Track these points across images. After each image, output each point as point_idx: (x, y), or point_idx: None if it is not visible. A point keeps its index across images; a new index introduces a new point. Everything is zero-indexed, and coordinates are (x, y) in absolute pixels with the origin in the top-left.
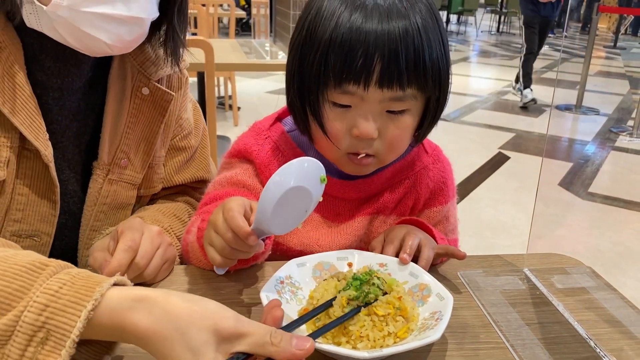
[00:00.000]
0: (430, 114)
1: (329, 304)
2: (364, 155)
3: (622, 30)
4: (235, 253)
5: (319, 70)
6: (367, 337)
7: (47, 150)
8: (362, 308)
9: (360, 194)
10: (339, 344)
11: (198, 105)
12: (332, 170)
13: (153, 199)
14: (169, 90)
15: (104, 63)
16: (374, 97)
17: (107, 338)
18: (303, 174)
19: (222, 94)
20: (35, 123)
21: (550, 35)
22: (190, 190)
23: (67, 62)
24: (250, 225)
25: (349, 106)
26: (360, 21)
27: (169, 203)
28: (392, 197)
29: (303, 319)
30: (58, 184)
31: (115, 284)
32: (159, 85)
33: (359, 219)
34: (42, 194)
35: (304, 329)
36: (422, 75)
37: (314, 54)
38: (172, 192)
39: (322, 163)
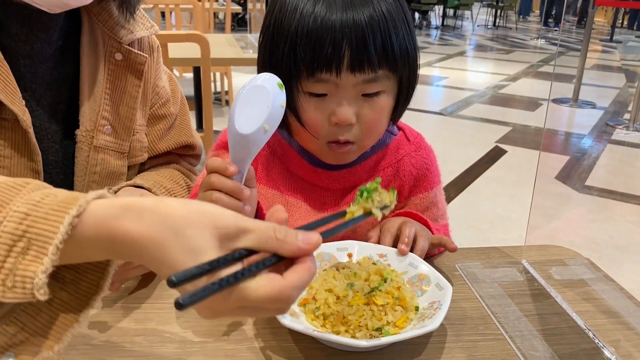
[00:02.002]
0: (403, 94)
1: (342, 214)
2: (343, 142)
3: (618, 24)
4: (229, 201)
5: (289, 62)
6: (365, 326)
7: (25, 115)
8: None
9: (344, 184)
10: (337, 333)
11: (173, 76)
12: (316, 161)
13: (142, 170)
14: (141, 53)
15: (73, 31)
16: (348, 82)
17: (95, 255)
18: (261, 79)
19: (219, 89)
20: (9, 87)
21: (544, 27)
22: (178, 158)
23: (34, 27)
24: None
25: (325, 95)
26: (325, 12)
27: (163, 169)
28: None
29: (310, 226)
30: (39, 152)
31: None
32: (130, 48)
33: (344, 208)
34: (24, 164)
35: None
36: (391, 57)
37: (283, 47)
38: (160, 161)
39: (306, 156)
